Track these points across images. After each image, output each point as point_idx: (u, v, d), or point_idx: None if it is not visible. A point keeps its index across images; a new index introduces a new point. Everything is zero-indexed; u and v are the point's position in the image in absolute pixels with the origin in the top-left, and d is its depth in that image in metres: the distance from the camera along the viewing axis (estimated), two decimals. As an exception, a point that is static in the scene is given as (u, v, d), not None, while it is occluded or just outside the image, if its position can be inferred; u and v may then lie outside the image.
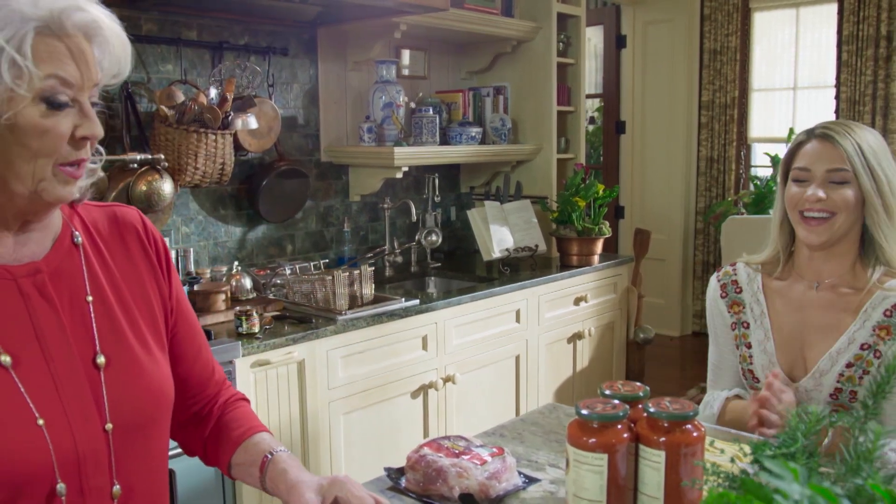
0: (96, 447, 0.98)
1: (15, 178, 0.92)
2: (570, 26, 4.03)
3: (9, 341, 0.94)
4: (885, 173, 1.55)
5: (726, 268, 1.80)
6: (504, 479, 1.24)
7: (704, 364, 5.58)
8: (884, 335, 1.54)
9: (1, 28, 0.86)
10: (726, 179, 5.64)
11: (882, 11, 4.83)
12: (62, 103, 0.92)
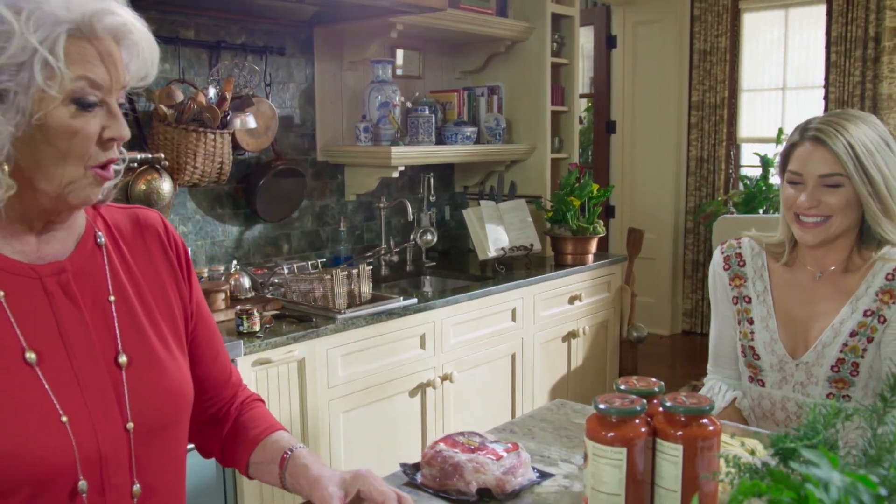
0: (117, 446, 0.99)
1: (43, 178, 0.93)
2: (563, 26, 4.06)
3: (34, 339, 0.95)
4: (880, 171, 1.53)
5: (731, 241, 1.81)
6: (519, 473, 1.25)
7: (695, 362, 5.63)
8: (888, 299, 1.56)
9: (34, 30, 0.87)
10: (716, 179, 5.68)
11: (870, 13, 4.89)
12: (91, 104, 0.93)
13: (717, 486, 1.11)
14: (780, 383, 1.67)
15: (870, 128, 1.55)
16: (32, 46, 0.87)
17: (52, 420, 0.93)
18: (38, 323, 0.96)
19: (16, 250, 0.98)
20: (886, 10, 4.83)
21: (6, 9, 0.87)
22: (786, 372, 1.66)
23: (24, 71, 0.88)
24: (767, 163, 5.33)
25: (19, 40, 0.87)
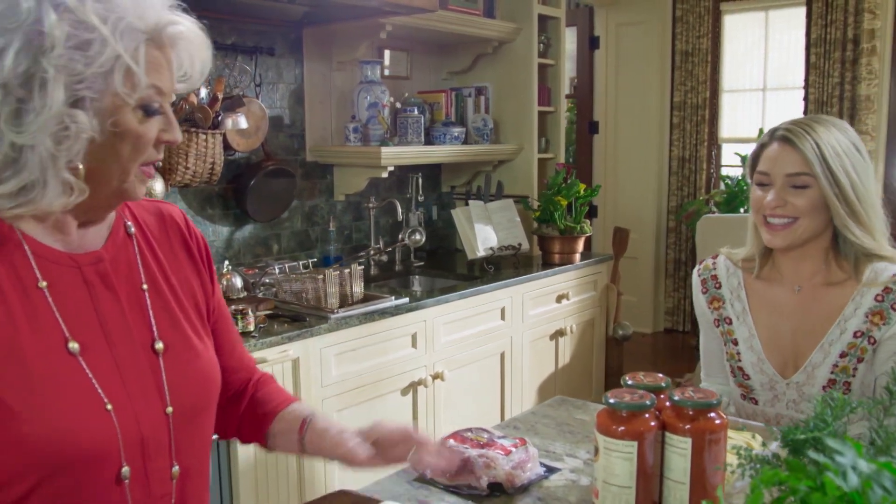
0: (158, 430, 1.02)
1: (104, 178, 0.97)
2: (549, 27, 4.09)
3: (76, 328, 0.98)
4: (848, 174, 1.51)
5: (707, 261, 1.78)
6: (528, 468, 1.27)
7: (677, 360, 5.67)
8: (877, 321, 1.54)
9: (119, 38, 0.91)
10: (697, 179, 5.75)
11: (849, 15, 4.97)
12: (156, 111, 0.97)
13: (722, 478, 1.13)
14: (772, 401, 1.65)
15: (840, 133, 1.55)
16: (118, 54, 0.91)
17: (97, 409, 0.96)
18: (79, 311, 1.00)
19: (56, 240, 1.00)
20: (864, 13, 4.91)
21: (94, 17, 0.90)
22: (777, 391, 1.64)
23: (108, 78, 0.91)
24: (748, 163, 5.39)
25: (108, 49, 0.90)
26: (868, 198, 1.54)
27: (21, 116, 0.90)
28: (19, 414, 0.91)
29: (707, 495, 1.12)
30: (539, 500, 1.23)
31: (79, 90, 0.91)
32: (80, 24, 0.89)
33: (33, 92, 0.89)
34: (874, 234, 1.55)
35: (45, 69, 0.89)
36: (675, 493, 1.13)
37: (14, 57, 0.88)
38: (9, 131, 0.90)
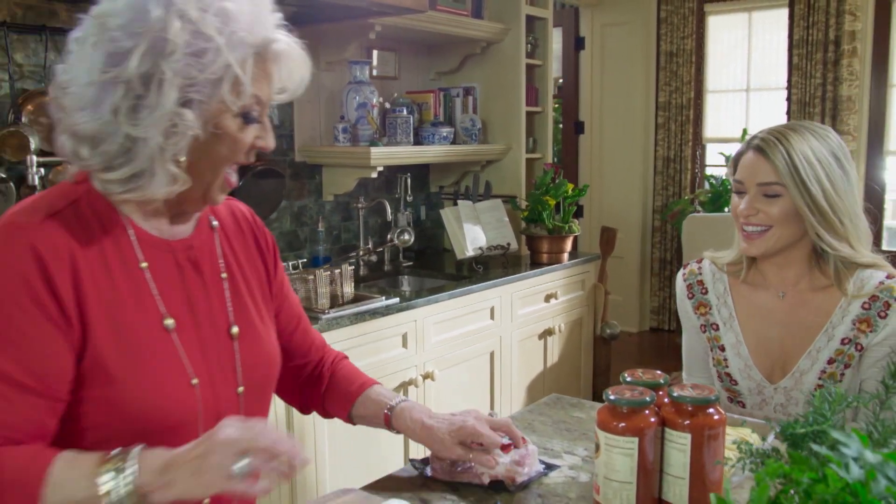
0: (231, 406, 1.13)
1: (198, 176, 1.06)
2: (537, 28, 4.11)
3: (169, 307, 1.09)
4: (820, 183, 1.51)
5: (692, 265, 1.78)
6: (528, 465, 1.28)
7: (663, 359, 5.72)
8: (864, 328, 1.56)
9: (231, 50, 1.00)
10: (682, 178, 5.79)
11: (830, 17, 5.03)
12: (254, 119, 1.07)
13: (721, 473, 1.15)
14: (760, 405, 1.66)
15: (818, 140, 1.54)
16: (229, 64, 1.00)
17: (184, 382, 1.08)
18: (172, 292, 1.10)
19: (153, 227, 1.11)
20: (846, 15, 4.97)
21: (212, 29, 0.99)
22: (765, 395, 1.65)
23: (216, 86, 1.01)
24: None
25: (220, 59, 0.99)
26: (844, 206, 1.53)
27: (137, 112, 0.99)
28: (122, 381, 1.02)
29: (706, 490, 1.13)
30: (539, 497, 1.24)
31: (190, 93, 1.00)
32: (199, 34, 0.99)
33: (150, 91, 0.99)
34: (851, 242, 1.56)
35: (163, 71, 0.98)
36: (675, 489, 1.14)
37: (139, 58, 0.98)
38: (125, 124, 1.00)
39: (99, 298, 1.03)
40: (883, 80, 5.05)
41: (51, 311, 0.99)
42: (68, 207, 1.05)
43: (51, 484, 0.94)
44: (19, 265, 0.98)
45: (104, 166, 1.03)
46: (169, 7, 0.98)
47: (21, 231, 1.00)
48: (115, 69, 0.98)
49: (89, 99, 1.00)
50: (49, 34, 2.46)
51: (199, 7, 0.99)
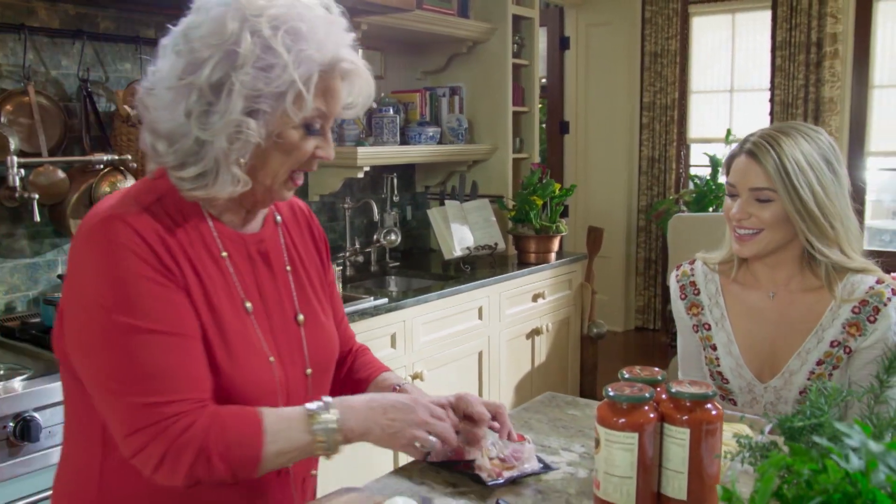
0: (301, 385, 1.25)
1: (262, 178, 1.15)
2: (523, 28, 4.11)
3: (247, 294, 1.20)
4: (812, 188, 1.52)
5: (684, 267, 1.79)
6: (522, 461, 1.28)
7: (649, 358, 5.75)
8: (854, 332, 1.57)
9: (297, 66, 1.07)
10: (667, 178, 5.82)
11: (812, 19, 5.07)
12: (316, 131, 1.15)
13: (718, 468, 1.15)
14: (750, 403, 1.67)
15: (811, 143, 1.55)
16: (293, 80, 1.08)
17: (263, 359, 1.19)
18: (247, 281, 1.21)
19: (229, 221, 1.22)
20: (827, 17, 5.01)
21: (281, 46, 1.07)
22: (755, 394, 1.66)
23: (280, 99, 1.09)
24: (716, 163, 5.48)
25: (286, 74, 1.07)
26: (835, 210, 1.54)
27: (208, 116, 1.09)
28: (214, 354, 1.13)
29: (704, 484, 1.13)
30: (539, 493, 1.24)
31: (255, 103, 1.08)
32: (268, 49, 1.07)
33: (220, 98, 1.08)
34: (842, 246, 1.57)
35: (233, 82, 1.07)
36: (674, 483, 1.14)
37: (213, 68, 1.07)
38: (196, 127, 1.09)
39: (193, 280, 1.14)
40: (864, 81, 5.09)
41: (168, 276, 1.11)
42: (156, 202, 1.14)
43: (268, 434, 1.09)
44: (131, 245, 1.08)
45: (177, 163, 1.13)
46: (244, 23, 1.07)
47: (123, 220, 1.10)
48: (191, 76, 1.08)
49: (168, 101, 1.10)
50: (28, 33, 2.42)
51: (271, 25, 1.07)
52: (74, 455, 1.22)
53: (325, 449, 1.14)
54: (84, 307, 1.09)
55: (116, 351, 1.07)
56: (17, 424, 1.83)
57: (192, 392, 1.09)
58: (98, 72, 2.67)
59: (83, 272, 1.10)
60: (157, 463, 1.06)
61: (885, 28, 5.04)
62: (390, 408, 1.17)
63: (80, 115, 2.58)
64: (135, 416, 1.06)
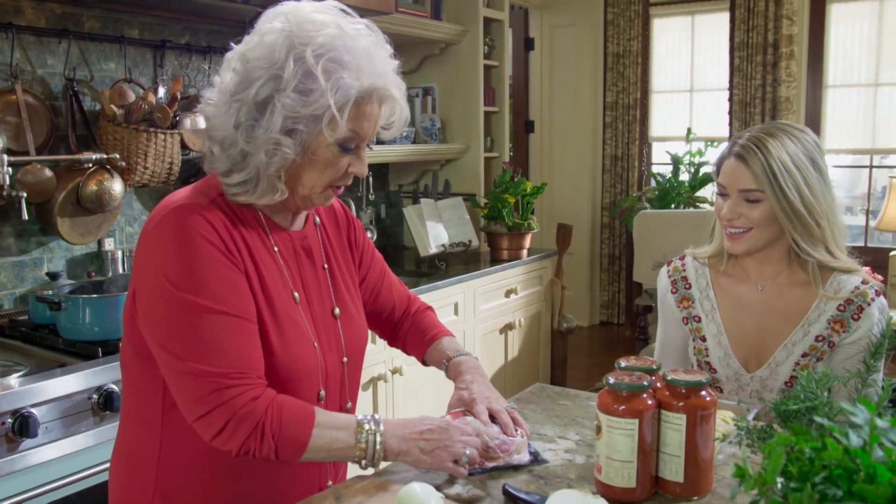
0: (338, 371, 1.38)
1: (299, 188, 1.27)
2: (493, 30, 4.19)
3: (294, 285, 1.33)
4: (798, 189, 1.60)
5: (675, 262, 1.87)
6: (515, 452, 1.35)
7: (614, 352, 5.87)
8: (838, 328, 1.67)
9: (334, 93, 1.17)
10: (630, 176, 5.96)
11: (769, 21, 5.25)
12: (349, 149, 1.25)
13: (712, 451, 1.24)
14: (736, 391, 1.76)
15: (796, 143, 1.62)
16: (329, 105, 1.17)
17: (309, 344, 1.31)
18: (293, 274, 1.33)
19: (278, 219, 1.34)
20: (783, 19, 5.19)
21: (322, 73, 1.17)
22: (741, 382, 1.76)
23: (316, 121, 1.19)
24: (677, 161, 5.63)
25: (322, 99, 1.17)
26: (821, 208, 1.63)
27: (253, 131, 1.20)
28: (268, 335, 1.24)
29: (699, 467, 1.22)
30: (540, 479, 1.32)
31: (294, 124, 1.19)
32: (309, 75, 1.17)
33: (264, 116, 1.19)
34: (828, 245, 1.65)
35: (275, 102, 1.18)
36: (671, 466, 1.23)
37: (260, 87, 1.18)
38: (241, 140, 1.21)
39: (251, 269, 1.25)
40: (819, 81, 5.29)
41: (233, 262, 1.22)
42: (219, 197, 1.27)
43: (317, 427, 1.21)
44: (203, 231, 1.20)
45: (226, 170, 1.25)
46: (290, 50, 1.18)
47: (195, 210, 1.21)
48: (242, 93, 1.20)
49: (223, 111, 1.23)
50: (15, 32, 2.43)
51: (315, 53, 1.17)
52: (133, 434, 1.33)
53: (362, 458, 1.24)
54: (158, 287, 1.19)
55: (188, 327, 1.17)
56: (16, 421, 1.86)
57: (252, 370, 1.20)
58: (83, 71, 2.68)
59: (158, 255, 1.20)
60: (218, 429, 1.17)
61: (838, 30, 5.24)
62: (426, 431, 1.28)
63: (66, 114, 2.60)
64: (203, 385, 1.17)
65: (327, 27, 1.20)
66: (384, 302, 1.61)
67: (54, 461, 1.93)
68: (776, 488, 0.82)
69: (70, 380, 1.97)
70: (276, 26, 1.21)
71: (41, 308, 2.34)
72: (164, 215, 1.22)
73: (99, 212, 2.61)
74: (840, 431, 0.84)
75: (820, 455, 0.86)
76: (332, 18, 1.22)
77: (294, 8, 1.24)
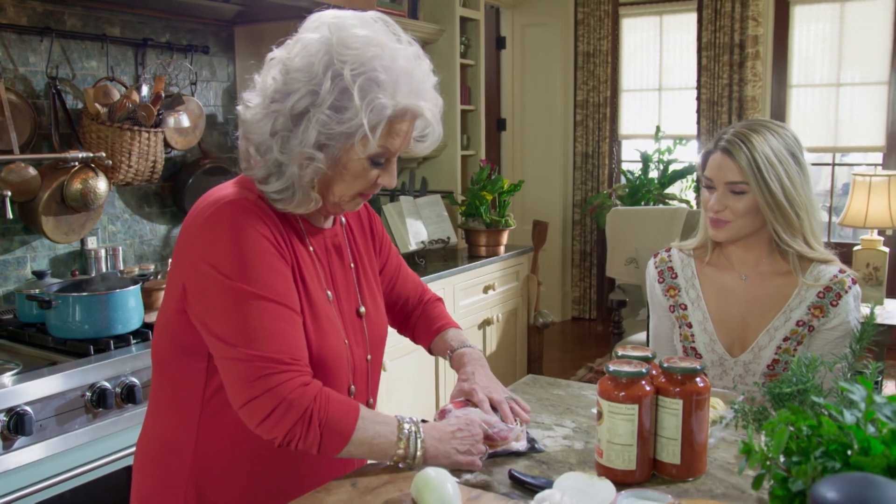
0: (362, 367, 1.42)
1: (330, 196, 1.31)
2: (469, 29, 4.24)
3: (326, 282, 1.37)
4: (781, 182, 1.69)
5: (661, 254, 1.96)
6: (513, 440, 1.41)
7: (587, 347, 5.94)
8: (818, 313, 1.76)
9: (367, 113, 1.20)
10: (600, 173, 6.06)
11: (735, 22, 5.37)
12: (379, 164, 1.29)
13: (706, 435, 1.31)
14: (720, 376, 1.84)
15: (778, 139, 1.72)
16: (362, 124, 1.20)
17: (340, 339, 1.36)
18: (325, 272, 1.38)
19: (312, 219, 1.38)
20: (749, 20, 5.33)
21: (357, 92, 1.19)
22: (725, 367, 1.84)
23: (349, 138, 1.23)
24: (647, 158, 5.75)
25: (357, 118, 1.20)
26: (800, 200, 1.72)
27: (287, 142, 1.24)
28: (310, 334, 1.29)
29: (694, 449, 1.29)
30: (543, 464, 1.37)
31: (326, 139, 1.22)
32: (344, 93, 1.20)
33: (298, 129, 1.22)
34: (806, 236, 1.75)
35: (310, 116, 1.21)
36: (669, 449, 1.29)
37: (297, 100, 1.21)
38: (277, 150, 1.24)
39: (294, 263, 1.30)
40: (783, 81, 5.43)
41: (282, 255, 1.27)
42: (260, 197, 1.29)
43: (362, 420, 1.24)
44: (255, 224, 1.25)
45: (263, 177, 1.28)
46: (329, 67, 1.20)
47: (246, 206, 1.26)
48: (279, 104, 1.23)
49: (260, 117, 1.26)
50: (-5, 30, 2.43)
51: (353, 72, 1.20)
52: (168, 425, 1.36)
53: (403, 457, 1.27)
54: (210, 278, 1.22)
55: (240, 314, 1.21)
56: (11, 418, 1.86)
57: (301, 357, 1.24)
58: (65, 69, 2.67)
59: (211, 247, 1.23)
60: (265, 415, 1.19)
61: (801, 31, 5.39)
62: (457, 430, 1.33)
63: (49, 113, 2.59)
64: (252, 370, 1.19)
65: (369, 45, 1.21)
66: (399, 292, 1.66)
67: (48, 459, 1.95)
68: (780, 462, 0.88)
69: (63, 378, 1.98)
70: (318, 37, 1.23)
71: (28, 306, 2.34)
72: (217, 209, 1.25)
73: (83, 210, 2.61)
74: (836, 409, 0.91)
75: (817, 432, 0.92)
76: (374, 35, 1.24)
77: (337, 19, 1.25)
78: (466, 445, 1.32)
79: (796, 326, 1.78)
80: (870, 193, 4.00)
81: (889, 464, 0.83)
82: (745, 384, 1.79)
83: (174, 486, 1.33)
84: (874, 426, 0.89)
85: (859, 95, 5.27)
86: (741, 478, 1.28)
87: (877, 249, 3.84)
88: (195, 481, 1.32)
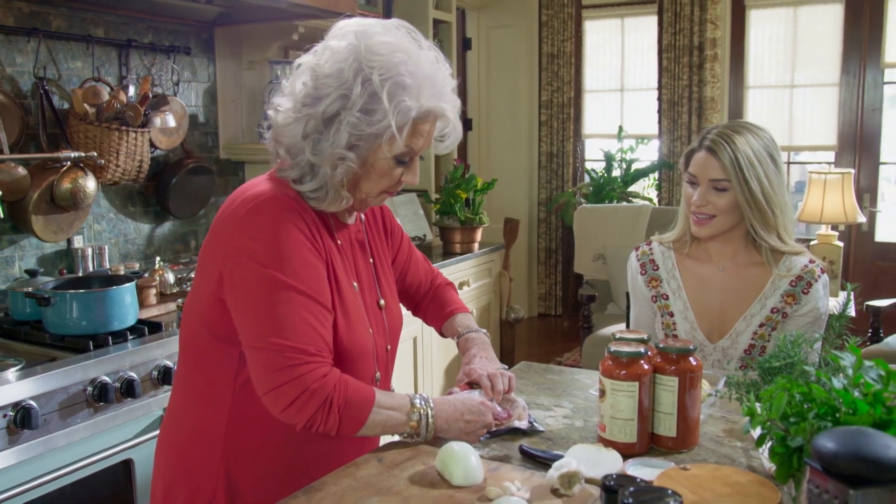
0: (383, 356, 1.50)
1: (357, 193, 1.39)
2: (441, 32, 4.33)
3: (351, 275, 1.44)
4: (759, 180, 1.81)
5: (643, 247, 2.07)
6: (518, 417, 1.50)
7: (554, 342, 6.08)
8: (790, 301, 1.89)
9: (395, 115, 1.27)
10: (565, 172, 6.20)
11: (694, 25, 5.55)
12: (404, 162, 1.36)
13: (698, 412, 1.42)
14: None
15: (758, 140, 1.84)
16: (390, 125, 1.28)
17: (366, 329, 1.44)
18: (350, 265, 1.45)
19: (339, 215, 1.45)
20: (707, 24, 5.51)
21: (386, 95, 1.26)
22: (705, 353, 1.96)
23: (377, 138, 1.30)
24: (610, 158, 5.90)
25: (385, 120, 1.28)
26: (776, 198, 1.85)
27: (318, 144, 1.31)
28: (339, 324, 1.36)
29: (688, 423, 1.40)
30: (548, 440, 1.47)
31: (356, 140, 1.30)
32: (373, 97, 1.27)
33: (330, 131, 1.30)
34: (779, 232, 1.88)
35: (341, 119, 1.28)
36: (665, 423, 1.40)
37: (328, 104, 1.29)
38: (309, 152, 1.31)
39: (326, 257, 1.37)
40: (740, 82, 5.63)
41: (317, 249, 1.34)
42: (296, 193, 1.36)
43: (376, 406, 1.32)
44: (293, 218, 1.32)
45: (297, 177, 1.35)
46: (358, 72, 1.27)
47: (285, 201, 1.32)
48: (310, 108, 1.30)
49: (291, 120, 1.32)
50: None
51: (381, 77, 1.27)
52: (199, 413, 1.41)
53: (414, 433, 1.37)
54: (247, 267, 1.29)
55: (272, 303, 1.27)
56: (17, 413, 1.90)
57: (325, 350, 1.31)
58: (51, 70, 2.70)
59: (251, 239, 1.29)
60: (288, 402, 1.26)
61: (757, 34, 5.59)
62: (467, 411, 1.42)
63: (37, 113, 2.62)
64: (278, 360, 1.26)
65: (395, 52, 1.29)
66: (412, 279, 1.75)
67: (50, 452, 1.99)
68: (779, 423, 0.99)
69: (65, 373, 2.02)
70: (346, 45, 1.29)
71: (21, 304, 2.37)
72: (259, 203, 1.31)
73: (72, 209, 2.64)
74: (826, 376, 1.02)
75: (808, 397, 1.04)
76: (398, 41, 1.31)
77: (363, 27, 1.32)
78: (472, 428, 1.41)
79: (771, 313, 1.90)
80: (825, 191, 4.20)
81: (874, 421, 0.95)
82: (723, 369, 1.91)
83: (204, 473, 1.39)
84: (859, 391, 1.00)
85: (812, 96, 5.49)
86: (731, 448, 1.41)
87: (832, 244, 4.04)
88: (225, 466, 1.38)
